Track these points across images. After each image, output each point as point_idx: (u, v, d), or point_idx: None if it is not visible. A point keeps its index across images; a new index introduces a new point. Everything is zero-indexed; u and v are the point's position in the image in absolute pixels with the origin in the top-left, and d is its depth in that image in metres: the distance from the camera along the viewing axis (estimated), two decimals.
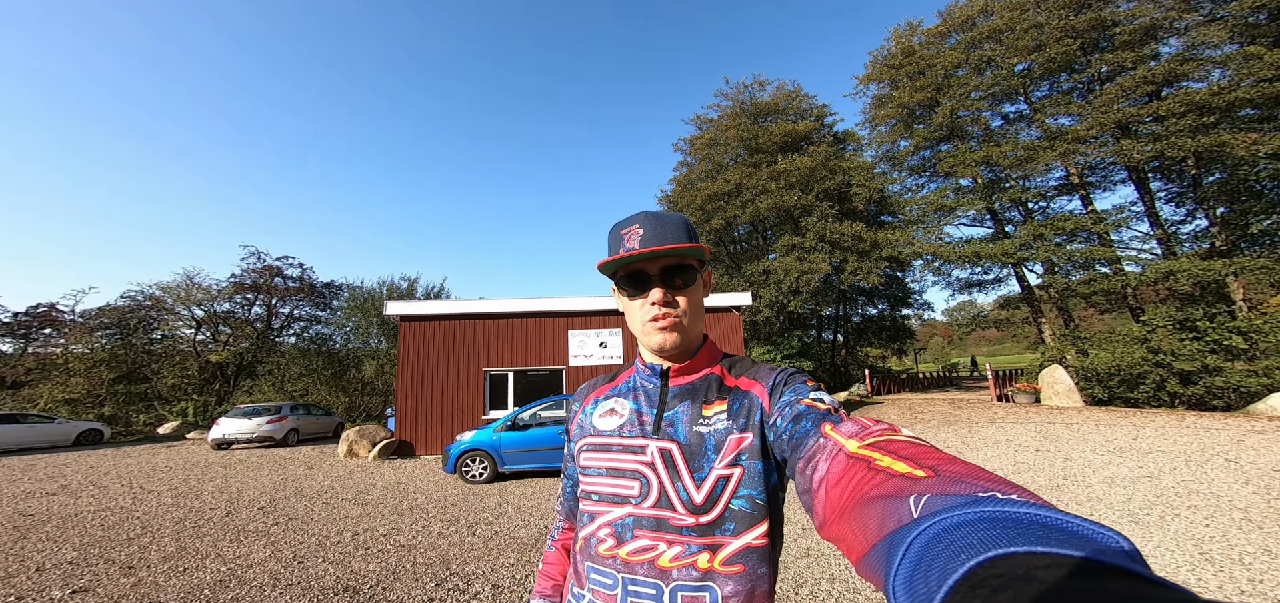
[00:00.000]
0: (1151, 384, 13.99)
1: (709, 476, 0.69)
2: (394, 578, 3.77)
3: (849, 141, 24.01)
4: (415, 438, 10.85)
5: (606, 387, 0.86)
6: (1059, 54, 16.56)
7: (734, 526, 0.68)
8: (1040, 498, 0.29)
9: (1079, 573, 0.21)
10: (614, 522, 0.73)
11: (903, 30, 21.51)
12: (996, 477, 0.32)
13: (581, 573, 0.77)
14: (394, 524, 5.28)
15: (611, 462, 0.76)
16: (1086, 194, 18.02)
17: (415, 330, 11.30)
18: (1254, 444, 7.76)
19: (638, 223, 0.76)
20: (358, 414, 20.87)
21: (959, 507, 0.28)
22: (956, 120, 19.32)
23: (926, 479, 0.34)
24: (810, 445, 0.53)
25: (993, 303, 21.55)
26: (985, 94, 18.86)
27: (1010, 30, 17.62)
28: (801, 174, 20.16)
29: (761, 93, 23.71)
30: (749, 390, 0.73)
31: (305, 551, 4.44)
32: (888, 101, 20.95)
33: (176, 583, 3.71)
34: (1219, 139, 13.39)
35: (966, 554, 0.24)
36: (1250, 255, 14.01)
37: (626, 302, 0.79)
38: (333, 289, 24.83)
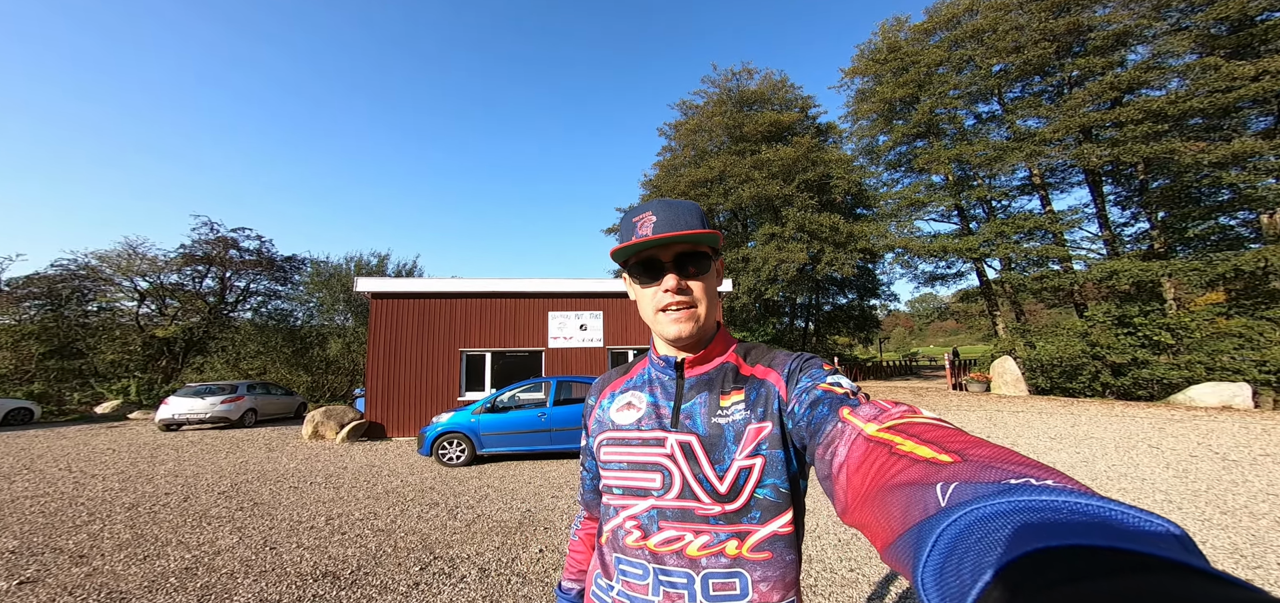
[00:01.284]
0: (1088, 376, 15.12)
1: (731, 467, 0.68)
2: (376, 563, 3.66)
3: (831, 134, 24.41)
4: (387, 420, 10.53)
5: (621, 379, 0.86)
6: (1035, 56, 17.25)
7: (760, 514, 0.68)
8: (1076, 482, 0.26)
9: (1125, 569, 0.19)
10: (639, 515, 0.73)
11: (890, 25, 21.92)
12: (1027, 460, 0.30)
13: (609, 565, 0.77)
14: (370, 508, 5.12)
15: (632, 455, 0.75)
16: (1046, 195, 19.05)
17: (387, 308, 10.88)
18: (1173, 432, 8.53)
19: (651, 209, 0.74)
20: (322, 394, 20.07)
21: (990, 496, 0.26)
22: (934, 118, 19.96)
23: (953, 465, 0.32)
24: (829, 431, 0.52)
25: (952, 296, 22.69)
26: (963, 93, 19.52)
27: (992, 30, 18.21)
28: (784, 164, 20.42)
29: (748, 81, 23.74)
30: (765, 379, 0.72)
31: (277, 536, 4.25)
32: (871, 96, 21.40)
33: (137, 572, 3.48)
34: (1169, 146, 14.36)
35: (1001, 549, 0.22)
36: (1184, 258, 15.22)
37: (639, 290, 0.78)
38: (294, 263, 23.53)
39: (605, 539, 0.79)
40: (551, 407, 7.42)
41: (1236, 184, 14.10)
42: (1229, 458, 6.42)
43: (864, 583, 3.20)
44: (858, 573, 3.34)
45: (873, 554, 3.66)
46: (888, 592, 3.08)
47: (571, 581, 0.93)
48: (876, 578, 3.26)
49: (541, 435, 7.31)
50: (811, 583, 3.22)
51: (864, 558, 3.58)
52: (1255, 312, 13.33)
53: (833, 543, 3.89)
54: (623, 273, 0.82)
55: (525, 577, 3.43)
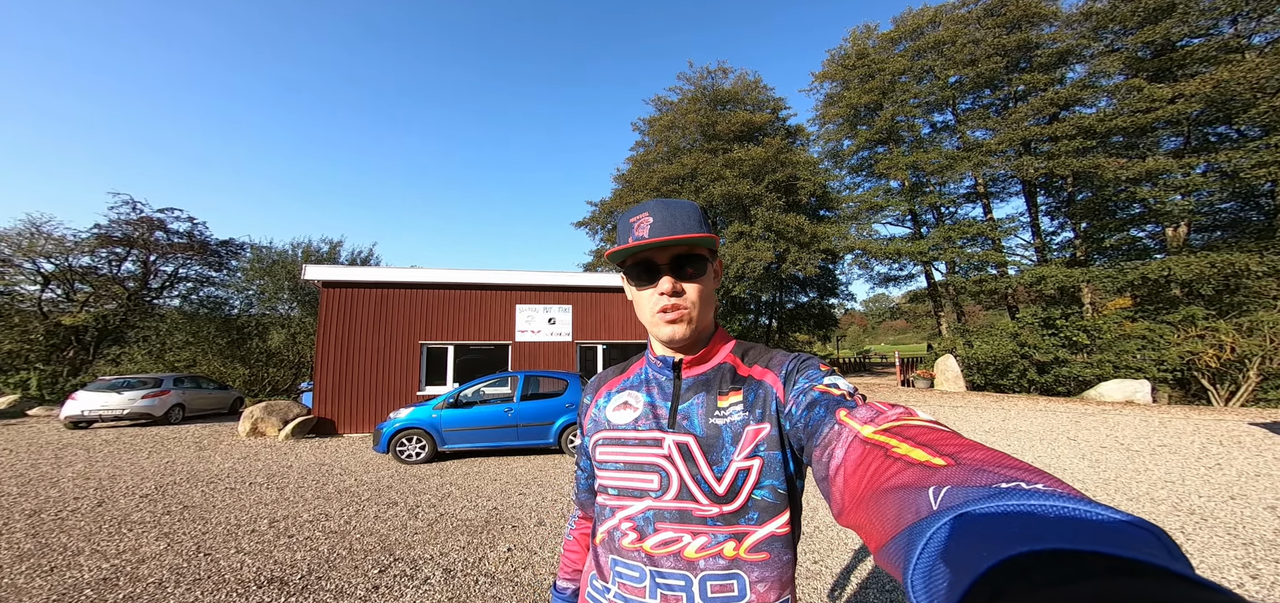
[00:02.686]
0: (1017, 373, 16.46)
1: (729, 468, 0.68)
2: (329, 566, 3.41)
3: (799, 136, 25.09)
4: (337, 416, 9.90)
5: (618, 379, 0.85)
6: (988, 70, 18.43)
7: (757, 515, 0.68)
8: (1068, 487, 0.27)
9: (1108, 573, 0.20)
10: (635, 516, 0.73)
11: (860, 32, 22.75)
12: (1020, 464, 0.31)
13: (604, 566, 0.77)
14: (320, 509, 4.79)
15: (628, 456, 0.75)
16: (987, 203, 20.48)
17: (340, 298, 10.21)
18: (1087, 425, 9.41)
19: (648, 210, 0.73)
20: (261, 389, 18.64)
21: (980, 499, 0.27)
22: (895, 125, 20.96)
23: (946, 468, 0.32)
24: (826, 433, 0.52)
25: (902, 296, 24.05)
26: (921, 102, 20.59)
27: (952, 42, 19.27)
28: (755, 164, 20.80)
29: (723, 80, 24.01)
30: (763, 380, 0.72)
31: (212, 542, 3.88)
32: (838, 100, 22.18)
33: (43, 585, 3.06)
34: (1095, 161, 15.77)
35: (988, 552, 0.23)
36: (1100, 266, 16.82)
37: (635, 291, 0.78)
38: (232, 248, 21.62)
39: (600, 540, 0.78)
40: (519, 402, 7.22)
41: (1146, 199, 15.73)
42: (1132, 449, 7.12)
43: (826, 574, 3.30)
44: (821, 565, 3.45)
45: (836, 546, 3.79)
46: (848, 582, 3.19)
47: (566, 580, 0.93)
48: (837, 568, 3.37)
49: (508, 432, 7.10)
50: None
51: (827, 550, 3.69)
52: (1157, 316, 14.90)
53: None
54: (620, 273, 0.82)
55: (493, 577, 3.30)
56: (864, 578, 3.21)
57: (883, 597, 2.97)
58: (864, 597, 2.99)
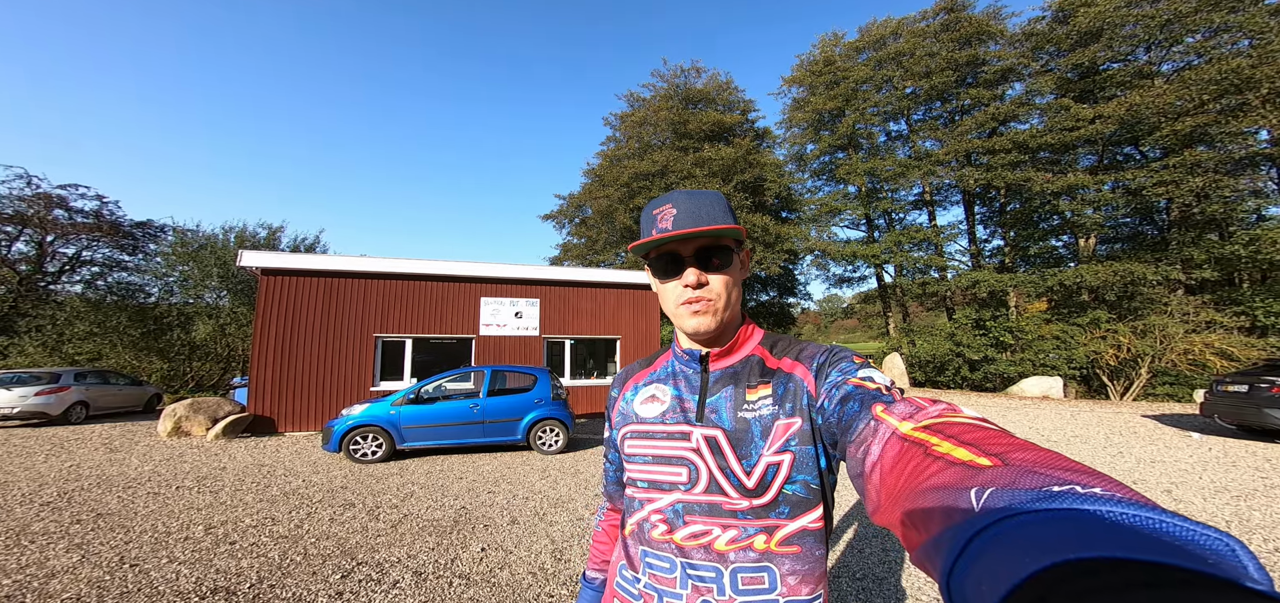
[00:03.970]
0: (953, 370, 17.84)
1: (759, 462, 0.68)
2: (282, 573, 3.11)
3: (766, 138, 25.73)
4: (277, 413, 9.12)
5: (644, 372, 0.85)
6: (940, 82, 19.68)
7: (789, 510, 0.67)
8: (1134, 492, 0.24)
9: (1163, 584, 0.18)
10: (665, 508, 0.73)
11: (828, 39, 23.61)
12: (1077, 466, 0.28)
13: (634, 558, 0.76)
14: (264, 513, 4.37)
15: (657, 449, 0.75)
16: (933, 210, 21.97)
17: (282, 287, 9.38)
18: (1012, 419, 10.33)
19: (672, 202, 0.72)
20: (184, 384, 16.89)
21: (1028, 502, 0.25)
22: (855, 131, 21.97)
23: (992, 469, 0.30)
24: (861, 429, 0.50)
25: (854, 297, 25.39)
26: (880, 111, 21.69)
27: (910, 54, 20.37)
28: (724, 164, 21.11)
29: (696, 79, 24.16)
30: (793, 373, 0.71)
31: (137, 552, 3.44)
32: (805, 105, 22.95)
33: None
34: (1026, 175, 17.29)
35: (1034, 556, 0.21)
36: (1024, 272, 18.51)
37: (659, 284, 0.76)
38: (150, 230, 19.37)
39: (630, 532, 0.78)
40: (486, 398, 6.94)
41: (1064, 212, 17.46)
42: (1051, 440, 7.88)
43: None
44: None
45: None
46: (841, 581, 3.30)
47: (595, 570, 0.94)
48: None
49: (474, 428, 6.81)
50: None
51: None
52: (1069, 319, 16.61)
53: None
54: (645, 266, 0.80)
55: (468, 578, 3.14)
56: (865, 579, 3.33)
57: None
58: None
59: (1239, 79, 13.94)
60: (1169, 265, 15.31)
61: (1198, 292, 15.58)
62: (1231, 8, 14.74)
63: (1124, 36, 16.61)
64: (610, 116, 25.59)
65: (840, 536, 3.81)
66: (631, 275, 12.11)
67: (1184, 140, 15.09)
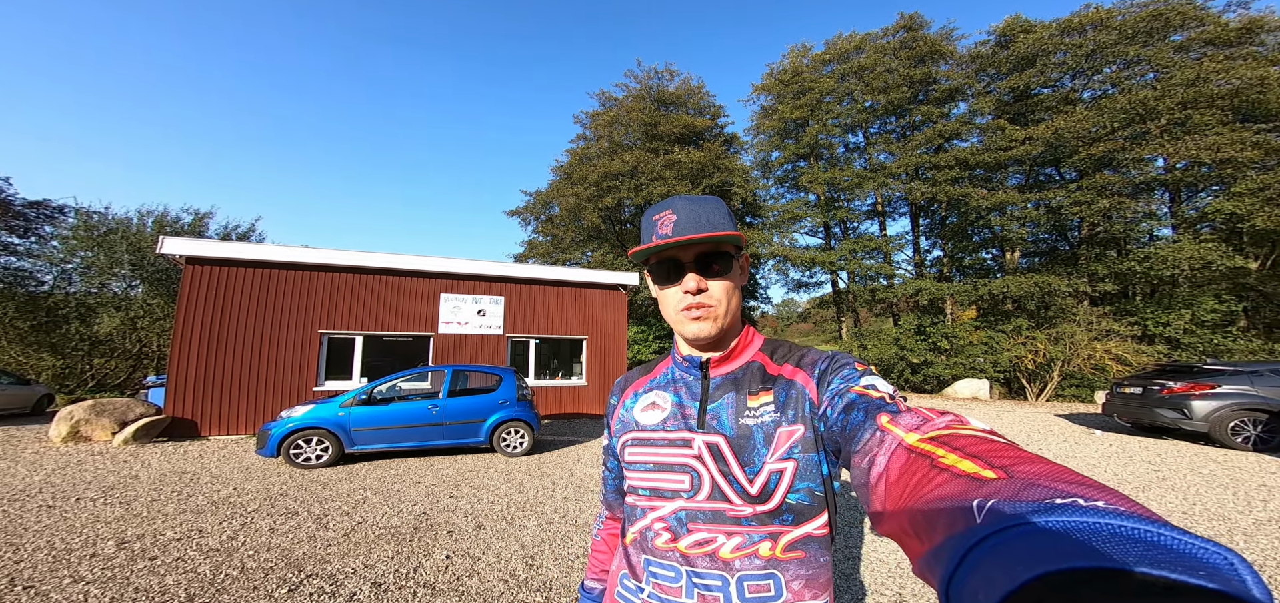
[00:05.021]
0: (897, 373, 19.03)
1: (762, 470, 0.67)
2: (216, 590, 2.76)
3: (734, 144, 26.27)
4: (200, 415, 8.22)
5: (644, 378, 0.85)
6: (896, 98, 20.86)
7: (793, 517, 0.67)
8: (1136, 504, 0.25)
9: (1158, 594, 0.18)
10: (667, 516, 0.72)
11: (797, 50, 24.43)
12: (1082, 479, 0.28)
13: (637, 567, 0.75)
14: (190, 524, 3.90)
15: (658, 456, 0.74)
16: (883, 221, 23.32)
17: (210, 278, 8.48)
18: None
19: (672, 208, 0.73)
20: (82, 383, 14.93)
21: (1031, 513, 0.25)
22: (818, 141, 22.90)
23: (996, 481, 0.30)
24: (866, 438, 0.50)
25: (809, 301, 26.48)
26: (841, 122, 22.72)
27: (871, 69, 21.45)
28: (694, 167, 21.33)
29: (669, 82, 24.28)
30: (794, 380, 0.71)
31: (32, 572, 2.94)
32: (772, 114, 23.67)
33: None
34: (964, 191, 18.71)
35: (1026, 567, 0.21)
36: (959, 282, 20.05)
37: (659, 290, 0.76)
38: (45, 211, 16.95)
39: (631, 540, 0.77)
40: (445, 398, 6.58)
41: (994, 226, 19.09)
42: None
43: None
44: None
45: None
46: None
47: (594, 580, 0.93)
48: None
49: (433, 430, 6.43)
50: None
51: None
52: (995, 326, 18.16)
53: None
54: (643, 272, 0.81)
55: (434, 588, 2.93)
56: None
57: None
58: None
59: (1144, 109, 15.82)
60: (1078, 278, 17.09)
61: (1100, 303, 17.44)
62: (1144, 42, 16.69)
63: (1056, 64, 18.38)
64: (581, 115, 25.31)
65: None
66: (599, 275, 11.95)
67: (1096, 164, 16.92)
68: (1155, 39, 16.61)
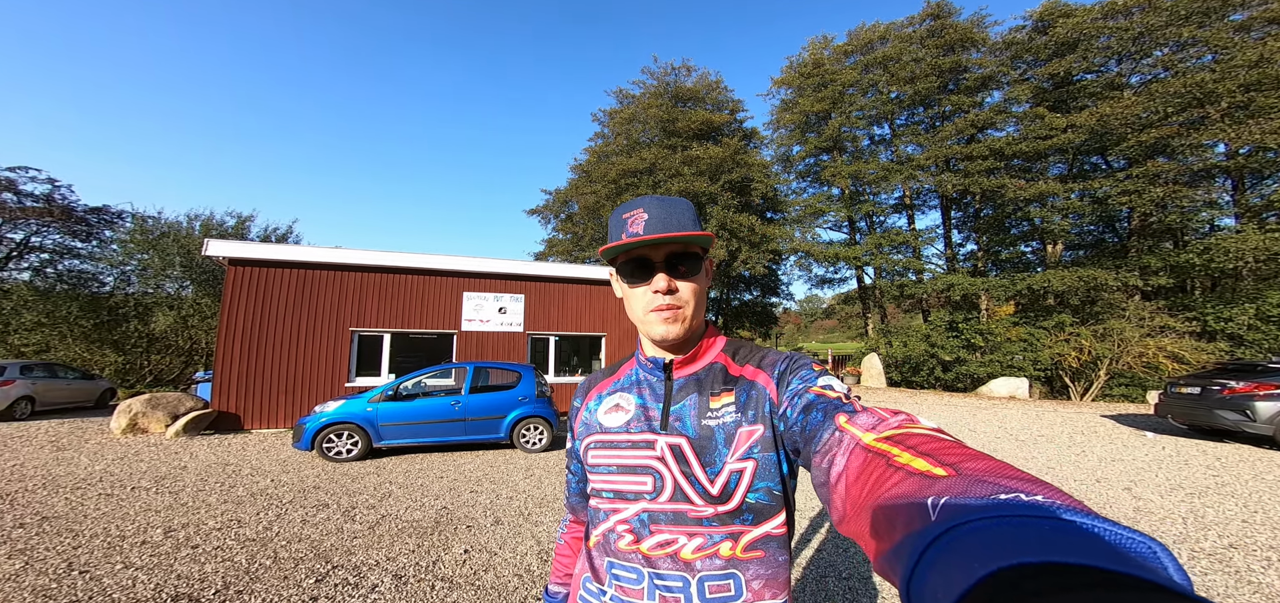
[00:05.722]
0: (927, 371, 18.35)
1: (722, 470, 0.68)
2: (251, 578, 2.93)
3: (754, 139, 25.89)
4: (243, 409, 8.70)
5: (608, 381, 0.84)
6: (924, 88, 20.09)
7: (753, 517, 0.68)
8: (1069, 497, 0.27)
9: (1103, 585, 0.19)
10: (630, 518, 0.72)
11: (818, 42, 23.89)
12: (1022, 475, 0.31)
13: (599, 569, 0.76)
14: (230, 515, 4.14)
15: (621, 459, 0.75)
16: (912, 214, 22.52)
17: (251, 278, 8.95)
18: (982, 417, 10.67)
19: (642, 206, 0.72)
20: (140, 379, 16.02)
21: (979, 510, 0.27)
22: (841, 134, 22.32)
23: (947, 479, 0.32)
24: (825, 438, 0.51)
25: (834, 297, 25.86)
26: (865, 114, 22.07)
27: (897, 59, 20.73)
28: (712, 163, 21.17)
29: (686, 78, 24.14)
30: (755, 381, 0.72)
31: (88, 557, 3.19)
32: (793, 107, 23.20)
33: None
34: (1001, 182, 17.85)
35: (980, 563, 0.23)
36: (995, 277, 19.16)
37: (627, 289, 0.76)
38: (105, 216, 18.25)
39: (594, 543, 0.77)
40: (468, 395, 6.75)
41: (1033, 218, 18.12)
42: (1020, 439, 8.13)
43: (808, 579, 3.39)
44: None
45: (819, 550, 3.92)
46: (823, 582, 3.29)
47: (558, 584, 0.92)
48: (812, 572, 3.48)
49: (455, 426, 6.62)
50: None
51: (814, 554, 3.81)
52: (1035, 322, 17.27)
53: None
54: (612, 272, 0.80)
55: (452, 581, 3.02)
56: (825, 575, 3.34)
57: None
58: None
59: (1201, 92, 14.69)
60: (1128, 272, 16.06)
61: (1153, 297, 16.35)
62: (1199, 23, 15.50)
63: (1099, 48, 17.28)
64: (599, 113, 25.44)
65: (833, 535, 3.83)
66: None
67: (1147, 151, 15.83)
68: (1212, 19, 15.38)
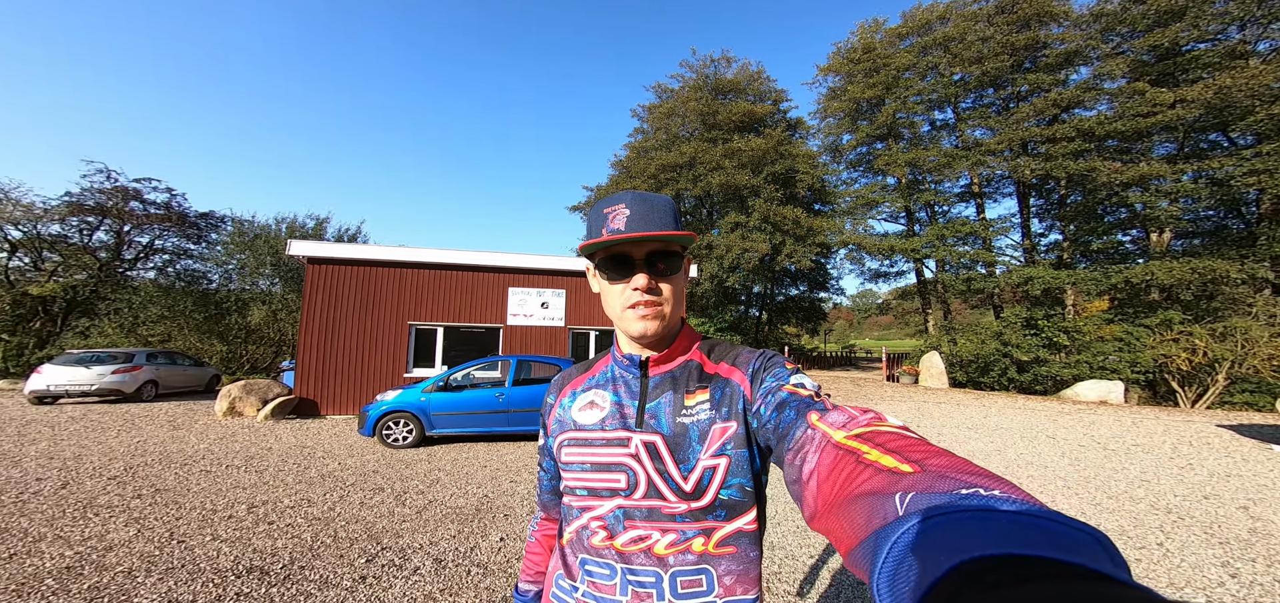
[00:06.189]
0: (998, 371, 16.77)
1: (696, 466, 0.69)
2: (312, 555, 3.25)
3: (799, 129, 24.95)
4: (320, 396, 9.63)
5: (583, 377, 0.85)
6: (993, 69, 18.35)
7: (725, 513, 0.69)
8: (1022, 492, 0.29)
9: (1056, 576, 0.21)
10: (604, 515, 0.73)
11: (868, 26, 22.56)
12: (979, 470, 0.33)
13: (572, 566, 0.76)
14: (302, 494, 4.60)
15: (595, 456, 0.75)
16: (981, 203, 20.66)
17: (325, 275, 9.86)
18: (1065, 423, 9.58)
19: (624, 203, 0.72)
20: (240, 366, 18.13)
21: (942, 505, 0.29)
22: (896, 121, 20.91)
23: (913, 475, 0.34)
24: (798, 436, 0.52)
25: (890, 292, 24.28)
26: (923, 99, 20.53)
27: (960, 39, 19.12)
28: (754, 155, 20.68)
29: (726, 69, 23.73)
30: (730, 378, 0.73)
31: (185, 528, 3.68)
32: (841, 94, 22.07)
33: (1, 573, 2.86)
34: (1092, 164, 15.91)
35: (945, 556, 0.24)
36: (1085, 269, 17.12)
37: (606, 285, 0.76)
38: (212, 221, 20.88)
39: (568, 540, 0.78)
40: (510, 387, 7.05)
41: (1134, 204, 15.96)
42: (1109, 448, 7.24)
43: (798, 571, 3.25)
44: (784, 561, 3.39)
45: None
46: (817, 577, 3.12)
47: (528, 583, 0.92)
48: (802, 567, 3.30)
49: (499, 417, 6.94)
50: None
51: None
52: (1135, 319, 15.25)
53: None
54: (589, 267, 0.80)
55: (486, 567, 3.18)
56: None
57: None
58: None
59: None
60: (1256, 262, 13.77)
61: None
62: None
63: (1213, 14, 14.89)
64: (638, 108, 25.49)
65: None
66: None
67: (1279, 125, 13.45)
68: None
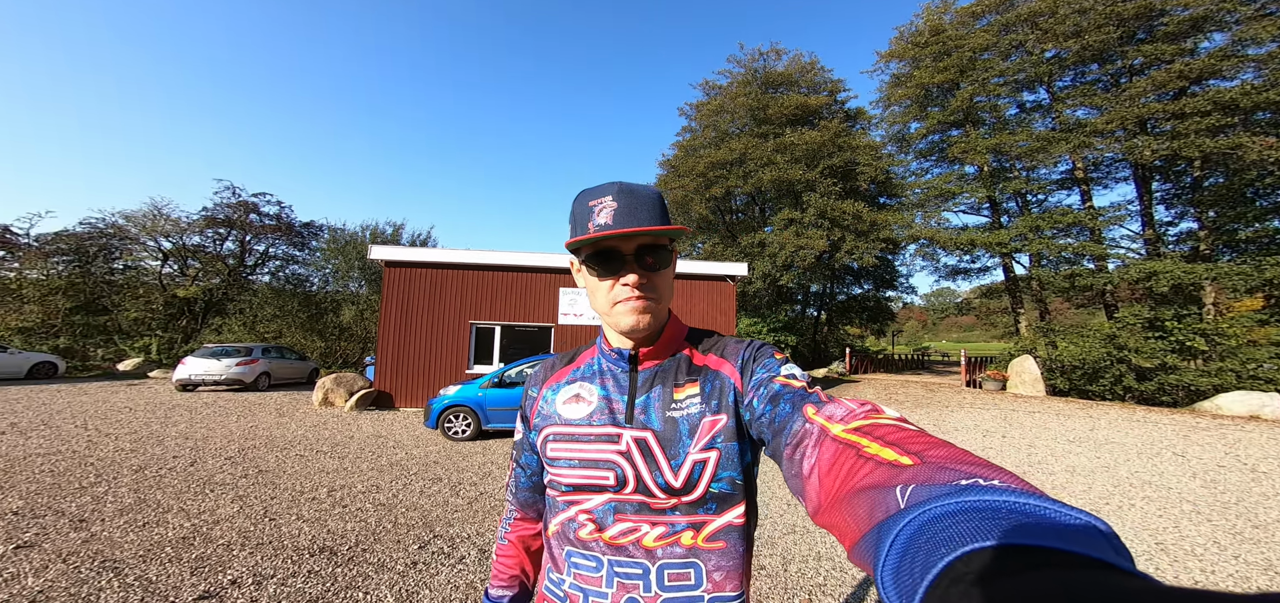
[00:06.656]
0: (1110, 378, 14.50)
1: (686, 461, 0.68)
2: (374, 539, 3.56)
3: (860, 119, 23.44)
4: (395, 389, 10.56)
5: (566, 369, 0.82)
6: (1096, 42, 16.01)
7: (715, 506, 0.68)
8: (1022, 482, 0.29)
9: (1058, 566, 0.21)
10: (593, 509, 0.71)
11: (935, 7, 20.66)
12: (979, 461, 0.32)
13: (559, 558, 0.75)
14: (373, 481, 5.06)
15: (584, 452, 0.73)
16: (1087, 189, 18.06)
17: (400, 277, 10.81)
18: (1199, 440, 8.08)
19: (610, 195, 0.69)
20: (334, 361, 20.39)
21: (942, 497, 0.29)
22: (974, 106, 18.94)
23: (913, 467, 0.34)
24: (795, 430, 0.51)
25: (972, 290, 21.93)
26: (1008, 80, 18.39)
27: (1051, 14, 16.93)
28: (809, 148, 19.71)
29: (776, 62, 22.82)
30: (719, 370, 0.72)
31: (277, 507, 4.19)
32: (906, 81, 20.38)
33: (134, 539, 3.42)
34: (1235, 142, 13.32)
35: (947, 548, 0.24)
36: (1230, 262, 14.35)
37: (594, 281, 0.73)
38: (312, 229, 23.75)
39: (553, 533, 0.77)
40: None
41: None
42: (1259, 470, 6.04)
43: None
44: None
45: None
46: None
47: (500, 589, 0.85)
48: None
49: None
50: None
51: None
52: None
53: None
54: (573, 261, 0.78)
55: None
56: None
57: None
58: None
59: None
60: None
61: None
62: None
63: None
64: (685, 106, 25.16)
65: None
66: (703, 266, 11.96)
67: None
68: None
